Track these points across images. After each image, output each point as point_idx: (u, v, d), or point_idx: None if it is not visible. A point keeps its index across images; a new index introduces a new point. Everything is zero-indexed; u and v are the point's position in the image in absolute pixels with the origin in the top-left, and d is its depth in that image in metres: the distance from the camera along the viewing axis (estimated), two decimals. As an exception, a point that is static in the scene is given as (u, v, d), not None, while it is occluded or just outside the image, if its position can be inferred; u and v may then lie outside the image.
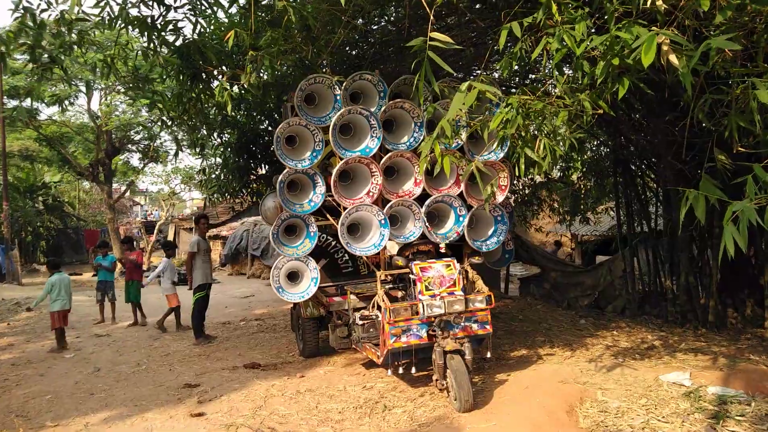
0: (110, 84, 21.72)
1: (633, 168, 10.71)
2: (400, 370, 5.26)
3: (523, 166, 3.92)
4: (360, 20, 6.09)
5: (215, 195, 8.46)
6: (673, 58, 3.15)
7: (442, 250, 5.52)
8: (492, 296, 5.44)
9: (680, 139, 8.33)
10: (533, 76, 8.67)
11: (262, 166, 8.78)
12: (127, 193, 32.22)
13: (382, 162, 5.36)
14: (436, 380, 5.14)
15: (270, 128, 8.54)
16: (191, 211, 36.41)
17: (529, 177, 11.95)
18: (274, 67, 4.67)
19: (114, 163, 25.53)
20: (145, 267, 22.98)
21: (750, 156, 4.24)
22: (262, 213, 7.13)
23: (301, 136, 5.68)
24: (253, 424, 4.89)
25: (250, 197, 8.93)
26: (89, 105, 26.39)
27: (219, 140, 7.88)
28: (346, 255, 6.46)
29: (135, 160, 28.41)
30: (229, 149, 8.23)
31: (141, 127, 22.74)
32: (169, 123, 6.28)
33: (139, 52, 5.56)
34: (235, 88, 7.27)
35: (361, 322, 5.69)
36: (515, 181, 9.89)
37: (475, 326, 5.35)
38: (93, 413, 5.46)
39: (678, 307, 9.10)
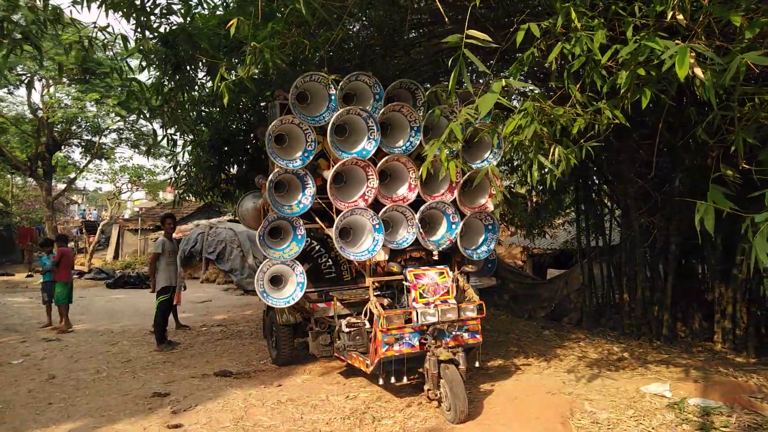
0: (54, 76, 20.65)
1: (589, 184, 10.94)
2: (392, 380, 5.11)
3: (536, 174, 3.88)
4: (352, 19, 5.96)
5: (184, 193, 8.05)
6: (698, 71, 3.19)
7: (435, 258, 5.43)
8: (483, 305, 5.39)
9: (646, 158, 8.61)
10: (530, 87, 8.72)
11: (233, 166, 8.46)
12: (66, 191, 30.59)
13: (378, 165, 5.22)
14: (428, 390, 5.01)
15: (244, 127, 8.25)
16: (131, 212, 34.96)
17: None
18: (275, 61, 4.45)
19: (54, 158, 24.17)
20: (85, 269, 21.91)
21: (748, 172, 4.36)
22: (239, 214, 6.84)
23: (292, 135, 5.47)
24: (238, 436, 4.62)
25: (220, 198, 8.56)
26: (29, 96, 25.02)
27: (191, 137, 7.51)
28: (329, 260, 6.27)
29: (76, 155, 27.06)
30: (199, 147, 7.87)
31: (115, 117, 21.38)
32: (147, 114, 5.91)
33: (119, 37, 5.21)
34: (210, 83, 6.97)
35: (347, 330, 5.51)
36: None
37: (465, 335, 5.28)
38: (54, 424, 5.02)
39: (634, 319, 9.33)
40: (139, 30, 4.81)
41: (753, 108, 3.86)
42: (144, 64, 5.52)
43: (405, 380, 5.13)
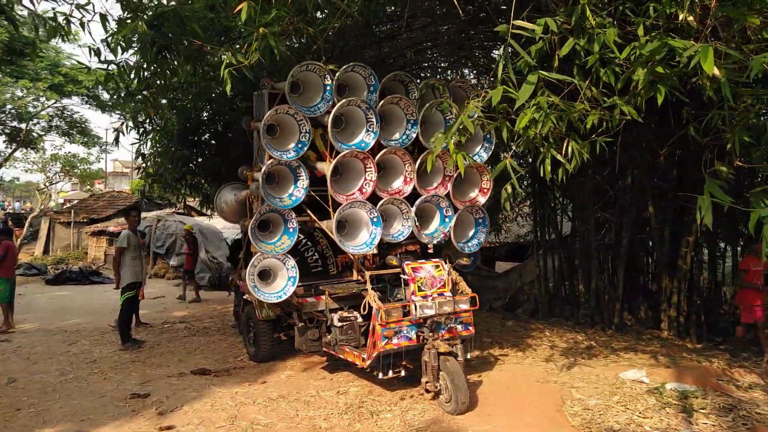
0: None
1: (544, 177, 11.21)
2: (390, 374, 5.09)
3: (549, 168, 3.96)
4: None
5: (152, 184, 7.66)
6: (715, 69, 3.35)
7: (430, 251, 5.44)
8: (476, 298, 5.46)
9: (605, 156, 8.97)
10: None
11: (201, 157, 8.14)
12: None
13: (377, 157, 5.17)
14: (426, 382, 5.03)
15: (211, 117, 7.96)
16: (55, 204, 32.96)
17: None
18: (280, 49, 4.31)
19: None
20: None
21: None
22: (217, 206, 6.61)
23: (284, 126, 5.33)
24: (239, 436, 4.47)
25: (187, 190, 8.21)
26: (-53, 76, 23.06)
27: (158, 125, 7.15)
28: (316, 254, 6.15)
29: (-1, 143, 25.18)
30: (167, 137, 7.52)
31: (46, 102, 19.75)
32: (122, 99, 5.56)
33: (97, 15, 4.89)
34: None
35: (339, 324, 5.44)
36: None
37: (459, 327, 5.34)
38: None
39: (588, 309, 9.73)
40: (127, 11, 4.53)
41: (746, 109, 4.10)
42: (123, 45, 5.21)
43: (403, 373, 5.13)
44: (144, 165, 7.71)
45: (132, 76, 5.29)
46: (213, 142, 8.12)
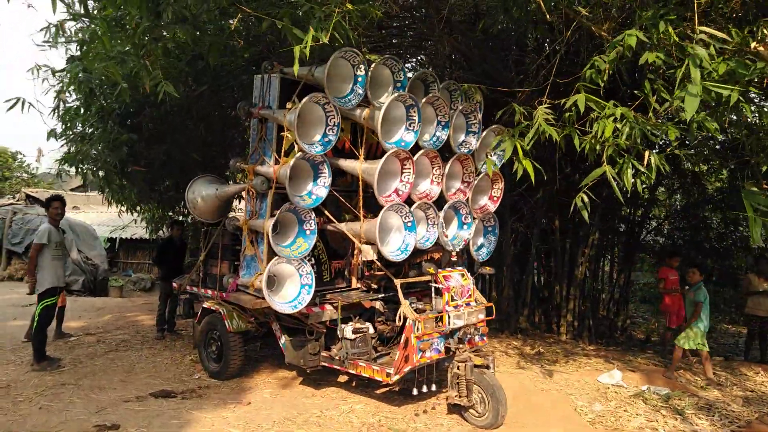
0: None
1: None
2: (424, 389, 4.78)
3: (630, 179, 4.01)
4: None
5: (84, 172, 6.33)
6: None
7: (454, 258, 5.23)
8: (493, 307, 5.37)
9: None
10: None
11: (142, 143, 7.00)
12: None
13: (416, 158, 4.84)
14: (456, 396, 4.80)
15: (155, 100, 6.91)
16: None
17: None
18: (348, 35, 3.85)
19: None
20: None
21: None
22: (190, 201, 5.70)
23: (306, 116, 4.76)
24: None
25: (120, 182, 6.97)
26: None
27: (105, 104, 5.98)
28: (312, 259, 5.56)
29: None
30: (108, 118, 6.34)
31: None
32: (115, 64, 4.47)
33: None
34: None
35: (353, 336, 4.99)
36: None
37: (477, 338, 5.20)
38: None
39: (500, 315, 10.25)
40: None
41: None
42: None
43: (434, 388, 4.86)
44: (79, 147, 6.36)
45: (133, 35, 4.35)
46: (156, 126, 7.09)
